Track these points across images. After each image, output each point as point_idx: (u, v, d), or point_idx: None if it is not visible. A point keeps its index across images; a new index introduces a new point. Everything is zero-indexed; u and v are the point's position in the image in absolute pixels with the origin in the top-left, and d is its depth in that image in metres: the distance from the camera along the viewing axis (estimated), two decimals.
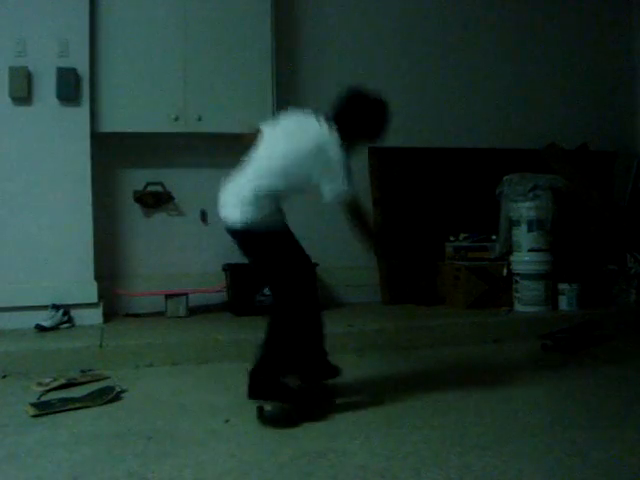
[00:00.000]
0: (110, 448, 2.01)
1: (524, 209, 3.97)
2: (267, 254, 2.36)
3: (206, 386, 2.76)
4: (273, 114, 4.02)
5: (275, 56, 4.05)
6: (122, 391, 2.62)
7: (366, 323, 3.65)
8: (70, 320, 3.59)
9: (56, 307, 3.56)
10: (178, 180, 4.14)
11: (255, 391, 2.29)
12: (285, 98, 4.23)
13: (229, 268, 3.99)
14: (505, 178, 4.12)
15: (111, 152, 4.02)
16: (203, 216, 4.19)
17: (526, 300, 3.89)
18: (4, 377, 2.89)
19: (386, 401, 2.48)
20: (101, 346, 3.11)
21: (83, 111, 3.71)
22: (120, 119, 3.81)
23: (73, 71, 3.66)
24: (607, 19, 5.03)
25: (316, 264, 4.05)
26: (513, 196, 4.04)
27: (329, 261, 4.25)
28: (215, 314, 3.99)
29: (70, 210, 3.69)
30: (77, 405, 2.44)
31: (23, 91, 3.60)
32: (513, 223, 4.03)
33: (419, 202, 4.41)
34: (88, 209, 3.72)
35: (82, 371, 2.95)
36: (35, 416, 2.32)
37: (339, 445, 2.02)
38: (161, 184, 4.09)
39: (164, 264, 4.09)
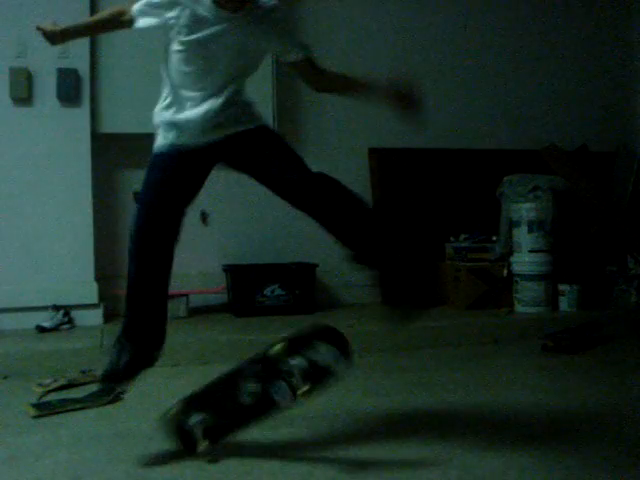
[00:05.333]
0: (110, 449, 2.01)
1: (524, 210, 3.98)
2: None
3: None
4: (273, 115, 4.03)
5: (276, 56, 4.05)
6: (122, 392, 2.61)
7: (366, 323, 3.65)
8: (70, 321, 3.59)
9: (56, 308, 3.56)
10: None
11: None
12: (286, 99, 4.24)
13: (229, 269, 4.00)
14: (505, 179, 4.12)
15: (111, 153, 4.02)
16: (203, 217, 4.19)
17: (526, 301, 3.89)
18: (5, 378, 2.89)
19: (386, 402, 2.49)
20: (102, 347, 3.11)
21: (84, 112, 3.72)
22: (120, 120, 3.82)
23: (74, 72, 3.67)
24: (607, 19, 5.03)
25: (316, 265, 4.09)
26: (513, 197, 4.04)
27: (329, 261, 4.24)
28: (215, 315, 3.99)
29: (70, 211, 3.69)
30: (78, 406, 2.44)
31: (23, 92, 3.60)
32: (513, 224, 4.04)
33: (419, 203, 4.41)
34: (88, 210, 3.72)
35: (82, 372, 2.94)
36: (36, 417, 2.32)
37: (339, 446, 2.02)
38: None
39: None
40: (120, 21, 2.05)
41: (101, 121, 3.80)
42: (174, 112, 2.00)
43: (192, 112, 1.98)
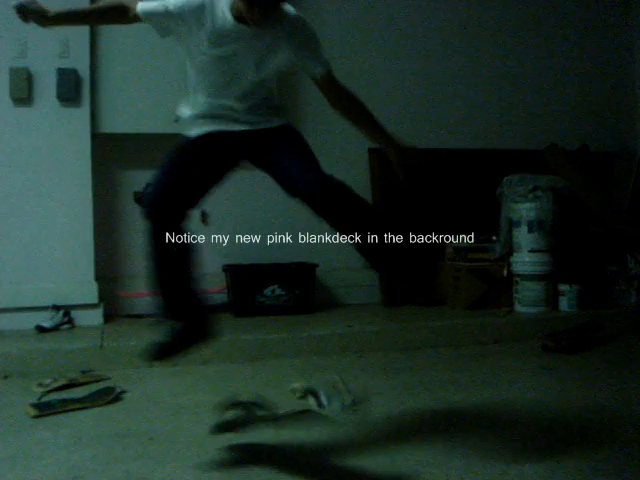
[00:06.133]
0: (110, 449, 2.01)
1: (524, 210, 3.97)
2: None
3: (206, 387, 2.76)
4: None
5: None
6: (122, 392, 2.62)
7: (366, 324, 3.65)
8: (70, 321, 3.59)
9: (56, 308, 3.56)
10: None
11: None
12: (286, 98, 4.23)
13: (229, 269, 4.00)
14: (505, 179, 4.12)
15: (111, 153, 4.02)
16: (203, 217, 4.19)
17: (526, 301, 3.89)
18: (5, 378, 2.89)
19: (386, 402, 2.48)
20: (101, 347, 3.12)
21: (84, 112, 3.72)
22: (120, 120, 3.81)
23: (74, 72, 3.66)
24: (607, 19, 5.03)
25: (316, 265, 4.09)
26: (513, 197, 4.04)
27: (329, 262, 4.26)
28: (215, 315, 3.97)
29: (70, 211, 3.69)
30: (77, 406, 2.44)
31: (23, 92, 3.60)
32: (513, 224, 4.03)
33: (420, 203, 4.40)
34: (88, 210, 3.72)
35: (83, 372, 2.95)
36: (36, 417, 2.32)
37: (339, 447, 2.02)
38: None
39: None
40: (122, 17, 2.00)
41: (101, 121, 3.79)
42: (193, 111, 2.08)
43: (210, 102, 2.04)
